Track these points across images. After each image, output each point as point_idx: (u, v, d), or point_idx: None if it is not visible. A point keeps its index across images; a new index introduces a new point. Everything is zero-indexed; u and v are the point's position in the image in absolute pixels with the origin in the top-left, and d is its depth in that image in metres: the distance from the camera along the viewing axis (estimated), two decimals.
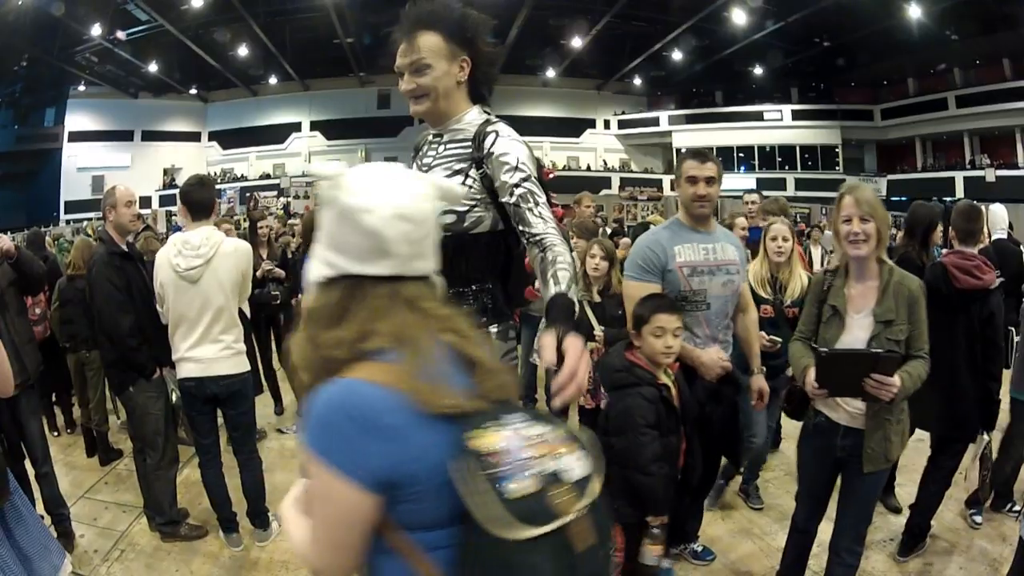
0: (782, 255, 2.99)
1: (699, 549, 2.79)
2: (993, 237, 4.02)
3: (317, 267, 0.93)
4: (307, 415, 0.84)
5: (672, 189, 22.51)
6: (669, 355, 2.06)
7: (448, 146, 1.61)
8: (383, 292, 0.90)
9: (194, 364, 2.78)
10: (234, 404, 2.91)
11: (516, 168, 1.50)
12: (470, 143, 1.57)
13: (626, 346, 2.15)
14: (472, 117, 1.61)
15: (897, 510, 3.07)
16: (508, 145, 1.53)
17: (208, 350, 2.78)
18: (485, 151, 1.53)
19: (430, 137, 1.69)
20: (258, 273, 4.21)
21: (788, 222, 3.15)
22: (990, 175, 18.99)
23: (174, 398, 2.96)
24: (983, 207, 3.21)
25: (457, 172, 1.56)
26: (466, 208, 1.52)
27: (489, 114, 1.64)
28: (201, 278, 2.73)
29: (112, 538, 3.06)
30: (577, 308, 1.33)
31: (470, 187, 1.52)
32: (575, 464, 0.82)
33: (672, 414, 2.07)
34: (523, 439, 0.82)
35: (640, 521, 2.05)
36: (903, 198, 20.24)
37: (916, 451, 2.92)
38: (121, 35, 18.61)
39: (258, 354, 4.40)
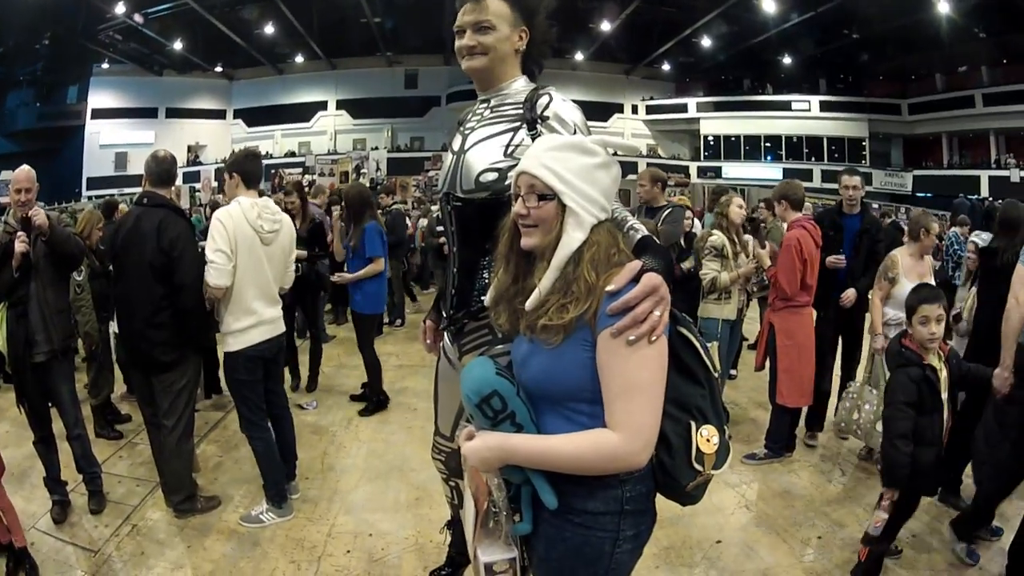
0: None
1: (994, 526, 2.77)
2: None
3: (595, 212, 1.18)
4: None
5: (699, 176, 22.49)
6: (934, 340, 2.29)
7: (495, 109, 1.68)
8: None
9: (269, 325, 2.88)
10: (278, 361, 3.10)
11: (575, 133, 1.53)
12: (520, 104, 1.63)
13: (904, 333, 2.44)
14: (521, 84, 1.69)
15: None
16: (565, 109, 1.58)
17: (276, 311, 2.94)
18: (539, 112, 1.57)
19: (476, 106, 1.75)
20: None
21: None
22: (1015, 175, 18.97)
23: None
24: None
25: (504, 132, 1.62)
26: (509, 165, 1.54)
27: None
28: (274, 242, 2.89)
29: (124, 513, 2.98)
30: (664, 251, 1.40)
31: (517, 146, 1.57)
32: None
33: (935, 395, 2.27)
34: None
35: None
36: (928, 195, 20.13)
37: None
38: (139, 18, 18.35)
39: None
